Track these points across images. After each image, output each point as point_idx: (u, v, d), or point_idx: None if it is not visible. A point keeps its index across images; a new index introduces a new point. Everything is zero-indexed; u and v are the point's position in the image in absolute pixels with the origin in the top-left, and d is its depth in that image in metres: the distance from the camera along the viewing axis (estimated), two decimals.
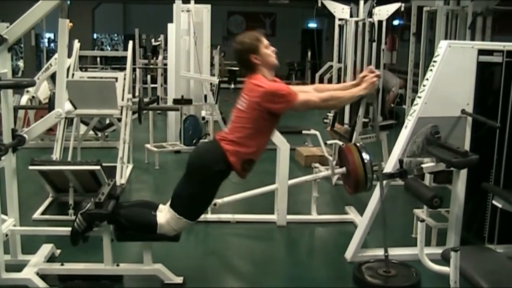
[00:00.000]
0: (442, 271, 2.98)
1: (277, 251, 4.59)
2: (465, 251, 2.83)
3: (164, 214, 3.46)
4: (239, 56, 3.47)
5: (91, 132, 7.78)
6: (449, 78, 4.05)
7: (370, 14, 9.01)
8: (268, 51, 3.44)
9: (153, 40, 14.85)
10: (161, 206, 3.59)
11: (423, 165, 4.03)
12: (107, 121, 8.14)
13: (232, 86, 16.31)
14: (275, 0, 15.54)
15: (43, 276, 3.65)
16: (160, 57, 12.88)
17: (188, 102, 7.58)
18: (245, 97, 3.38)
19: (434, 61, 4.09)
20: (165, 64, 10.64)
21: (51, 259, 3.99)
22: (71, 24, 4.14)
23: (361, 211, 4.67)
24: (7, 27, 3.59)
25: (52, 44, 19.69)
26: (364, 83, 3.51)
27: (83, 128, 7.14)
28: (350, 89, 3.57)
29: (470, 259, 2.86)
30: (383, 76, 9.80)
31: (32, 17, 3.56)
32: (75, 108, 4.02)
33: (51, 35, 19.31)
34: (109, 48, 22.33)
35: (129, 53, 7.21)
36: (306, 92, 3.50)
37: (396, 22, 13.77)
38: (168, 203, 3.47)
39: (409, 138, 4.04)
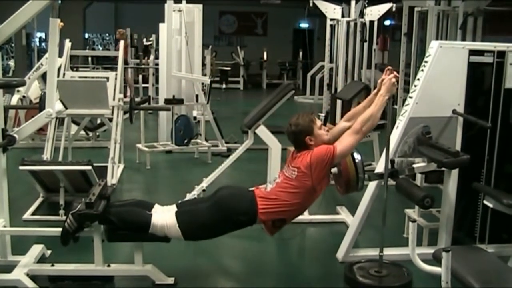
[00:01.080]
0: (434, 271, 2.99)
1: (269, 251, 4.59)
2: (456, 251, 2.84)
3: (162, 216, 3.46)
4: (294, 137, 3.58)
5: (82, 132, 7.76)
6: (440, 78, 4.06)
7: (361, 14, 9.04)
8: (322, 131, 3.56)
9: (144, 39, 14.81)
10: (157, 206, 3.58)
11: (414, 165, 4.04)
12: (98, 121, 8.11)
13: (224, 86, 16.32)
14: (266, 0, 15.55)
15: (33, 277, 3.63)
16: (152, 56, 12.85)
17: (180, 102, 7.57)
18: (293, 166, 3.50)
19: (425, 61, 4.10)
20: (157, 64, 10.62)
21: (41, 259, 3.97)
22: (62, 23, 4.12)
23: (352, 211, 4.68)
24: None
25: (43, 44, 19.59)
26: (383, 86, 3.56)
27: (74, 128, 7.12)
28: (373, 100, 3.62)
29: (461, 259, 2.87)
30: (374, 76, 9.85)
31: (22, 17, 3.55)
32: (66, 108, 4.00)
33: (42, 35, 19.22)
34: (101, 48, 22.24)
35: (120, 53, 7.19)
36: (341, 132, 3.60)
37: (387, 22, 13.80)
38: (171, 207, 3.48)
39: (401, 138, 4.04)
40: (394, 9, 9.26)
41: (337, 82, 9.54)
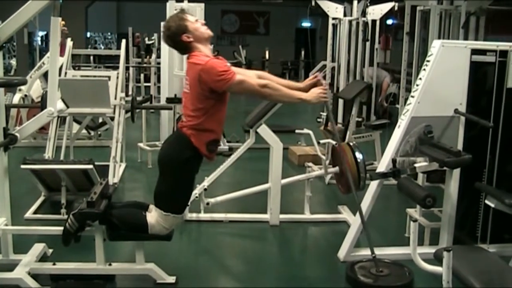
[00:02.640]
0: (435, 271, 2.98)
1: (270, 251, 4.59)
2: (458, 251, 2.84)
3: (153, 214, 3.46)
4: (171, 41, 3.43)
5: (84, 131, 7.75)
6: (442, 77, 4.06)
7: (364, 13, 9.05)
8: (197, 25, 3.38)
9: (146, 38, 14.80)
10: (151, 206, 3.58)
11: (416, 165, 4.03)
12: (100, 120, 8.11)
13: None
14: None
15: (34, 276, 3.63)
16: (154, 55, 12.84)
17: (181, 101, 7.54)
18: (187, 78, 3.37)
19: (428, 61, 4.09)
20: (159, 63, 10.61)
21: (43, 258, 3.97)
22: (63, 22, 4.12)
23: (354, 211, 4.67)
24: None
25: (45, 43, 19.59)
26: (312, 93, 3.48)
27: (75, 127, 7.11)
28: (294, 87, 3.55)
29: (463, 259, 2.86)
30: (373, 73, 9.85)
31: (24, 16, 3.55)
32: (67, 107, 4.00)
33: (44, 34, 19.22)
34: (103, 47, 22.25)
35: (122, 52, 7.19)
36: (246, 75, 3.45)
37: (389, 22, 13.78)
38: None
39: (402, 137, 4.04)
40: (396, 8, 9.27)
41: (339, 81, 9.54)
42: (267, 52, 17.57)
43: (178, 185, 3.42)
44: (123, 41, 7.47)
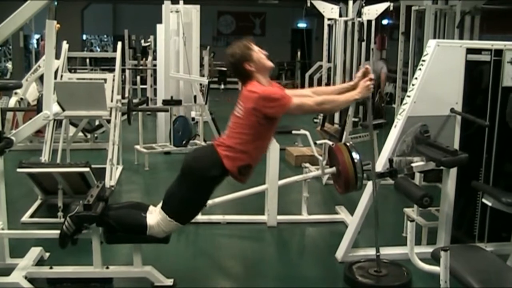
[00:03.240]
0: (432, 270, 2.98)
1: (268, 252, 4.58)
2: (455, 250, 2.84)
3: (154, 216, 3.44)
4: (233, 67, 3.44)
5: (80, 134, 7.74)
6: (438, 77, 4.06)
7: (359, 14, 9.04)
8: (261, 55, 3.42)
9: (142, 41, 14.79)
10: (151, 208, 3.56)
11: (413, 164, 4.04)
12: (97, 123, 8.10)
13: (222, 86, 16.29)
14: (264, 0, 15.54)
15: (31, 280, 3.62)
16: (150, 58, 12.84)
17: (178, 103, 7.56)
18: (241, 104, 3.36)
19: (423, 60, 4.09)
20: (155, 65, 10.61)
21: (39, 262, 3.96)
22: (58, 25, 4.10)
23: (351, 211, 4.67)
24: None
25: (40, 45, 19.56)
26: (358, 87, 3.52)
27: (72, 130, 7.11)
28: (345, 92, 3.57)
29: (460, 258, 2.86)
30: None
31: (19, 18, 3.54)
32: (63, 110, 3.99)
33: (40, 36, 19.19)
34: (99, 49, 22.21)
35: (118, 54, 7.18)
36: (302, 96, 3.51)
37: (385, 22, 13.79)
38: (160, 205, 3.46)
39: (399, 137, 4.04)
40: (391, 8, 9.26)
41: (335, 82, 9.53)
42: None
43: (194, 198, 3.42)
44: (119, 44, 7.46)
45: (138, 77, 12.78)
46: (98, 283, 3.67)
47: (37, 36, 16.01)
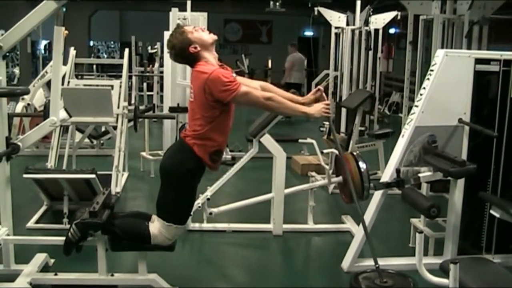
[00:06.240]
0: (441, 283, 2.95)
1: (273, 261, 4.56)
2: (464, 263, 2.80)
3: (155, 224, 3.44)
4: (180, 58, 3.42)
5: (87, 140, 7.74)
6: (446, 87, 4.04)
7: (366, 23, 9.05)
8: (198, 33, 3.35)
9: (149, 47, 14.82)
10: (153, 217, 3.55)
11: (420, 175, 4.01)
12: (103, 129, 8.10)
13: None
14: (271, 8, 15.55)
15: (36, 286, 3.62)
16: (156, 64, 12.86)
17: (184, 110, 7.53)
18: (192, 86, 3.35)
19: (431, 70, 4.08)
20: (161, 72, 10.62)
21: (44, 268, 3.95)
22: (66, 32, 4.12)
23: (357, 220, 4.64)
24: (2, 34, 3.57)
25: (48, 51, 19.64)
26: (316, 107, 3.48)
27: (78, 136, 7.11)
28: (295, 100, 3.55)
29: (468, 270, 2.83)
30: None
31: (27, 24, 3.54)
32: (70, 116, 4.00)
33: (47, 42, 19.27)
34: (106, 56, 22.29)
35: (125, 61, 7.19)
36: (250, 86, 3.43)
37: (392, 31, 13.79)
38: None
39: (406, 147, 4.02)
40: (399, 17, 9.26)
41: (342, 90, 9.54)
42: (269, 61, 17.56)
43: (180, 195, 3.40)
44: (126, 50, 7.47)
45: (145, 84, 12.80)
46: None
47: (44, 42, 16.09)
